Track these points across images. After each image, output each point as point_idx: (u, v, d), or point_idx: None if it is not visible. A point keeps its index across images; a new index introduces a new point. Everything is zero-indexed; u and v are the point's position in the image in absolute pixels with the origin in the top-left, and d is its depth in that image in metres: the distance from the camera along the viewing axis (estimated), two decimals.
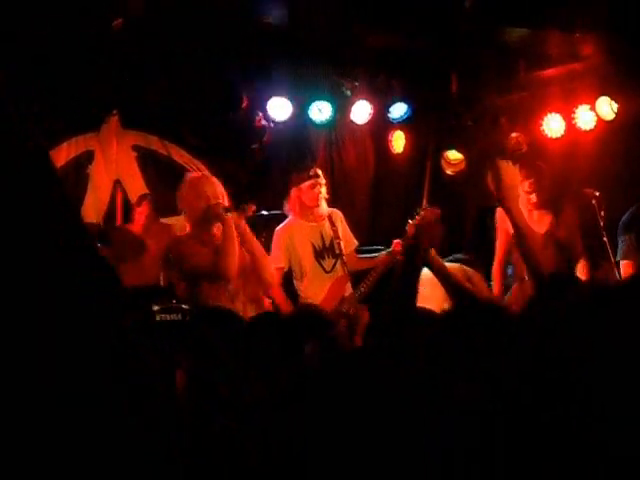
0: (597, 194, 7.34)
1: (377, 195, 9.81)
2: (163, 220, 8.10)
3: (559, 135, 8.70)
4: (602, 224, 7.22)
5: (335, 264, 6.76)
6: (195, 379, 2.82)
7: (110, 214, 8.60)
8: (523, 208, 6.76)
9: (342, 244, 6.80)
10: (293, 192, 6.78)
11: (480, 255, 7.74)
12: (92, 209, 8.61)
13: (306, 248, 6.71)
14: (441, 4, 6.93)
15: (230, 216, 6.11)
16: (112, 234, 7.09)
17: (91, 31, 7.16)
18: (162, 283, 7.70)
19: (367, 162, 9.75)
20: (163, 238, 7.87)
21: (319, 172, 6.84)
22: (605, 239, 7.17)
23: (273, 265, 6.71)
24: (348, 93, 8.85)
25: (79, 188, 8.63)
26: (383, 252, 6.77)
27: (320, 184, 6.76)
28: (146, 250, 7.67)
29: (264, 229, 7.73)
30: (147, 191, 8.71)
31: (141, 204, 7.91)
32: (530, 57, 8.29)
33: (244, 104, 8.38)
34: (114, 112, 8.53)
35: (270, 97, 8.55)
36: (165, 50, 7.78)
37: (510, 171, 6.71)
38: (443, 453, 2.25)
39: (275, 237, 6.80)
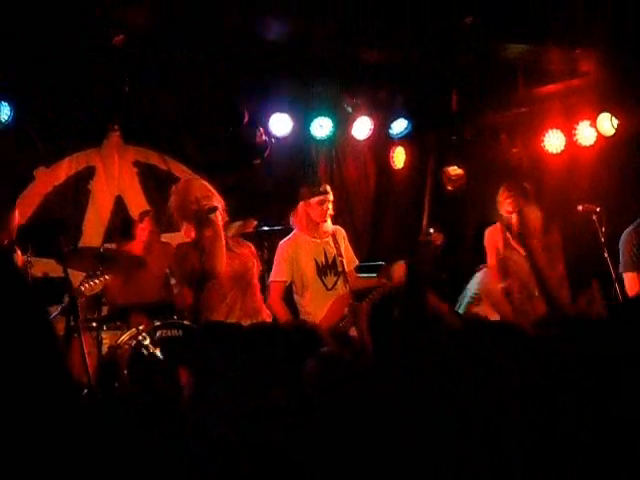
0: (598, 209, 7.35)
1: (378, 210, 9.81)
2: (164, 236, 8.11)
3: (559, 151, 8.72)
4: (603, 239, 7.23)
5: (337, 282, 6.73)
6: (196, 391, 2.82)
7: (111, 230, 8.60)
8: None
9: (344, 262, 6.77)
10: (301, 206, 6.75)
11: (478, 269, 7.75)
12: (93, 225, 8.62)
13: (309, 264, 6.69)
14: (441, 20, 6.94)
15: (215, 215, 6.15)
16: (111, 255, 7.08)
17: (93, 47, 7.18)
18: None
19: (368, 178, 9.76)
20: (164, 257, 7.87)
21: (328, 189, 6.81)
22: (606, 254, 7.17)
23: (275, 278, 6.68)
24: (349, 109, 8.87)
25: (80, 204, 8.64)
26: (383, 277, 6.68)
27: (328, 200, 6.75)
28: (146, 268, 7.67)
29: (265, 244, 7.74)
30: (148, 207, 8.71)
31: (143, 220, 7.90)
32: (530, 73, 8.31)
33: (245, 120, 8.39)
34: (115, 127, 8.54)
35: (271, 113, 8.56)
36: (167, 66, 7.80)
37: (534, 215, 6.88)
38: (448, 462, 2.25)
39: (279, 250, 6.78)
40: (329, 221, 6.82)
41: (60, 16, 6.68)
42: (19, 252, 6.74)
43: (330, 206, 6.78)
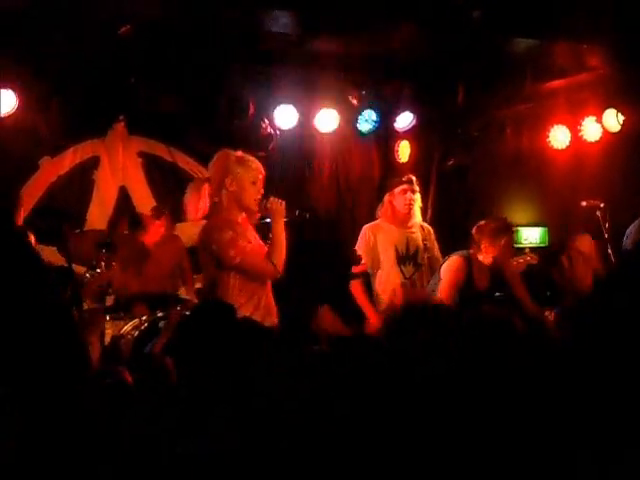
0: (602, 205, 7.35)
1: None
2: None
3: (564, 146, 8.71)
4: (607, 235, 7.23)
5: (415, 273, 6.73)
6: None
7: (115, 220, 8.62)
8: None
9: (431, 258, 6.77)
10: (386, 198, 6.84)
11: None
12: (97, 215, 8.63)
13: (388, 250, 6.70)
14: (449, 14, 6.93)
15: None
16: (116, 241, 7.09)
17: (98, 37, 7.18)
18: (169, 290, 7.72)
19: (372, 171, 9.75)
20: (172, 249, 7.90)
21: (413, 179, 6.81)
22: (610, 251, 7.17)
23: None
24: (354, 102, 8.86)
25: (84, 194, 8.66)
26: None
27: (413, 190, 6.74)
28: (151, 258, 7.68)
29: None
30: (152, 198, 8.73)
31: (160, 218, 7.89)
32: (537, 68, 8.29)
33: (251, 111, 8.39)
34: (121, 118, 8.55)
35: (277, 105, 8.56)
36: (172, 57, 7.79)
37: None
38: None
39: (361, 234, 6.82)
40: (419, 215, 6.82)
41: (67, 6, 6.67)
42: (32, 236, 6.78)
43: (416, 197, 6.76)
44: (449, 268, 6.32)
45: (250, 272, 5.07)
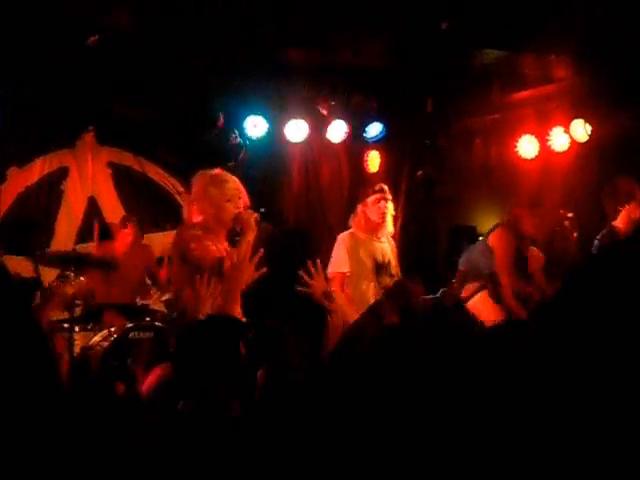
0: (570, 215, 7.39)
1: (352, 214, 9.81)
2: (146, 236, 8.12)
3: (533, 156, 8.77)
4: (575, 245, 7.27)
5: (389, 284, 6.69)
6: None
7: (84, 231, 8.58)
8: None
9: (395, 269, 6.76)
10: (359, 208, 6.76)
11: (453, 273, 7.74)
12: (65, 225, 8.58)
13: (368, 260, 6.64)
14: (418, 25, 6.97)
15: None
16: (82, 259, 7.04)
17: (67, 48, 7.15)
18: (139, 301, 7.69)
19: (342, 181, 9.76)
20: (142, 259, 7.86)
21: (385, 188, 6.76)
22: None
23: (336, 270, 6.54)
24: (324, 112, 8.88)
25: (53, 204, 8.60)
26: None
27: (386, 199, 6.69)
28: (123, 270, 7.64)
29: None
30: (122, 208, 8.69)
31: (127, 226, 7.85)
32: (505, 79, 8.35)
33: (220, 122, 8.39)
34: (90, 128, 8.52)
35: (246, 115, 8.56)
36: (142, 68, 7.78)
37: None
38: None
39: (339, 242, 6.69)
40: (391, 225, 6.79)
41: (35, 17, 6.65)
42: None
43: (389, 205, 6.72)
44: (499, 242, 6.32)
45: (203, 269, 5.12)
